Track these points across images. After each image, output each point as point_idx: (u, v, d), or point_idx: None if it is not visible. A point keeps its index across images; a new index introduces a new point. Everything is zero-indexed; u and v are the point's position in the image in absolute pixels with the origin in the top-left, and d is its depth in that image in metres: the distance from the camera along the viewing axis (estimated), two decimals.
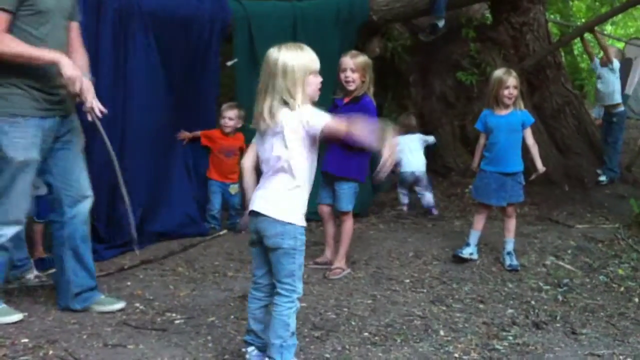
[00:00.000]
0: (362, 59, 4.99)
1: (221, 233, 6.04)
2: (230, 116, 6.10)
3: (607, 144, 8.12)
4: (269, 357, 3.17)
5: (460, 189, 7.65)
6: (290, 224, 3.11)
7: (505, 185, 5.24)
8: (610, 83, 8.24)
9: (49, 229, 4.61)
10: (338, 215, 5.22)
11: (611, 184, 7.85)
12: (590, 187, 7.70)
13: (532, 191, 7.35)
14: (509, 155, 5.24)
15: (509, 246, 5.33)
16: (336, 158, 4.93)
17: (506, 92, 5.17)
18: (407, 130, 6.94)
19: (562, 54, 11.34)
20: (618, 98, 8.25)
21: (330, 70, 4.32)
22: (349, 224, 5.14)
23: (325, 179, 5.10)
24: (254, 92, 6.93)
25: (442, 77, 8.37)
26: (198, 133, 6.17)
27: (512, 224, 5.38)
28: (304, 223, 3.17)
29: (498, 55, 8.16)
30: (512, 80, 5.18)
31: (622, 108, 8.34)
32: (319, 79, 3.16)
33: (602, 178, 7.85)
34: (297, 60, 3.07)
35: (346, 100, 5.01)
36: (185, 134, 6.11)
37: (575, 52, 16.13)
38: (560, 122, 8.20)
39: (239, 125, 6.13)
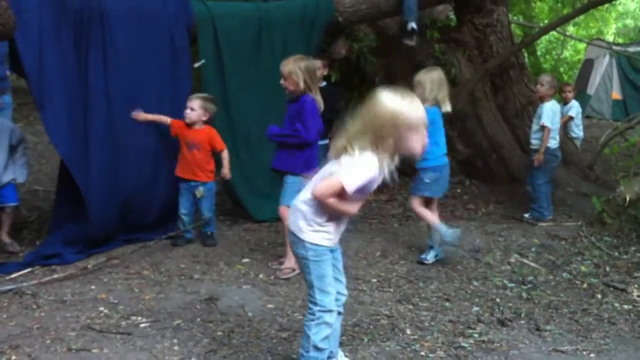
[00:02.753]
0: (290, 67, 4.87)
1: (190, 238, 5.84)
2: (193, 106, 5.70)
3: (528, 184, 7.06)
4: None
5: None
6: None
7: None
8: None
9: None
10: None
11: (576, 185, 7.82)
12: (554, 185, 7.79)
13: (497, 190, 7.45)
14: None
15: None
16: (282, 154, 4.99)
17: None
18: None
19: (525, 54, 11.51)
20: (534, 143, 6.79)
21: None
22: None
23: (279, 177, 5.13)
24: (221, 92, 6.81)
25: (407, 78, 8.38)
26: (163, 118, 5.77)
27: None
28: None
29: (462, 56, 8.24)
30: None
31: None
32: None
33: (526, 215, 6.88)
34: None
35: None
36: (141, 115, 5.67)
37: (538, 53, 16.38)
38: (523, 122, 8.26)
39: (205, 118, 5.77)
